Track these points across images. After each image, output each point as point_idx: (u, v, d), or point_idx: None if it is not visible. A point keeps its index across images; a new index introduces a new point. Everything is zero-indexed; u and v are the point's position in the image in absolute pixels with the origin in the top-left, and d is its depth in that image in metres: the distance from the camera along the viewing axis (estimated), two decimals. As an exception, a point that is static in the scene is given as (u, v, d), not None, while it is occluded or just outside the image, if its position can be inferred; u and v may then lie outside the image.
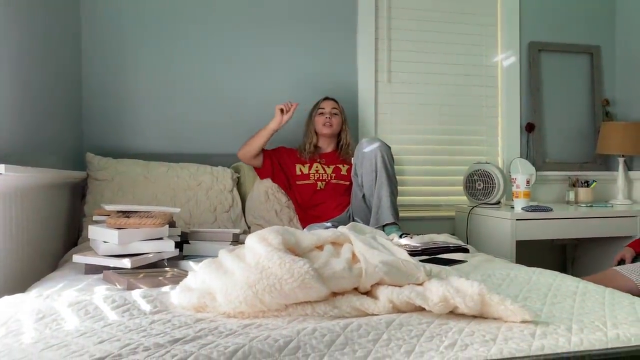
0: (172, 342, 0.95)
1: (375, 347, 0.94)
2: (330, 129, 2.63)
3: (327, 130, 2.63)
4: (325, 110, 2.64)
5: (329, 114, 2.63)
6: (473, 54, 3.14)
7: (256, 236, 1.14)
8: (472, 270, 1.63)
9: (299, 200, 2.60)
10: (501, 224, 2.61)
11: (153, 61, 2.72)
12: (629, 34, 3.25)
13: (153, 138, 2.71)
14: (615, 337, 0.99)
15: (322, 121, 2.63)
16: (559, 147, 3.26)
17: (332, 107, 2.66)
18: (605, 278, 1.96)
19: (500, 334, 1.00)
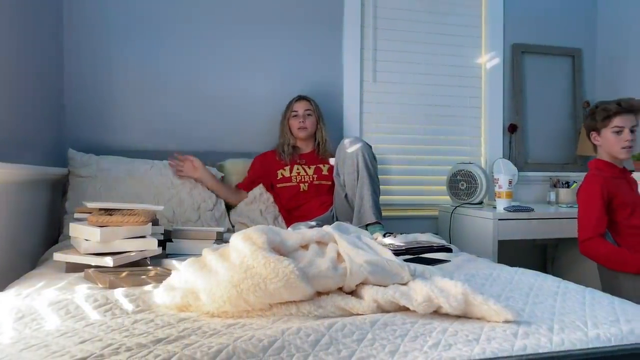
0: (155, 342, 0.94)
1: (360, 346, 0.94)
2: (305, 132, 2.64)
3: (303, 134, 2.64)
4: (298, 113, 2.64)
5: (302, 117, 2.63)
6: (457, 55, 3.17)
7: (241, 235, 1.13)
8: (455, 269, 1.64)
9: (283, 202, 2.59)
10: (483, 223, 2.63)
11: (137, 57, 2.69)
12: (609, 37, 3.30)
13: (137, 135, 2.69)
14: (596, 337, 1.01)
15: (297, 125, 2.62)
16: (541, 148, 3.31)
17: (305, 109, 2.65)
18: None
19: (483, 333, 1.01)
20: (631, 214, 2.20)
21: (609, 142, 2.23)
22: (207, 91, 2.79)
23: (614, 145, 2.21)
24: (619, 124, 2.19)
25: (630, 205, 2.21)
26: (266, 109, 2.83)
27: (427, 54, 3.12)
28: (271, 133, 2.76)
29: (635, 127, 2.21)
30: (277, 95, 2.82)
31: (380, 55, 3.05)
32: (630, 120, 2.19)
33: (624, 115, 2.19)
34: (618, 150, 2.21)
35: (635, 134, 2.21)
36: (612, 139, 2.21)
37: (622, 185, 2.25)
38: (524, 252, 3.21)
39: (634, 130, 2.20)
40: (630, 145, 2.19)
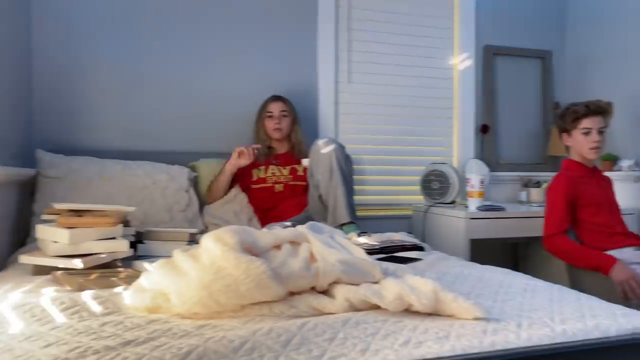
0: (123, 344, 0.93)
1: (331, 346, 0.95)
2: (280, 133, 2.63)
3: (277, 134, 2.63)
4: (274, 114, 2.63)
5: (277, 118, 2.62)
6: (431, 57, 3.20)
7: (212, 236, 1.12)
8: (427, 268, 1.66)
9: (258, 202, 2.58)
10: (456, 222, 2.66)
11: (109, 56, 2.64)
12: (578, 40, 3.38)
13: (108, 135, 2.64)
14: (562, 333, 1.03)
15: (272, 126, 2.62)
16: (512, 148, 3.36)
17: (281, 110, 2.64)
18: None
19: (453, 331, 1.02)
20: (596, 212, 2.26)
21: (578, 143, 2.29)
22: (180, 90, 2.76)
23: (583, 146, 2.28)
24: (587, 126, 2.25)
25: (595, 205, 2.27)
26: (240, 109, 2.81)
27: (401, 56, 3.14)
28: (245, 133, 2.74)
29: (603, 129, 2.27)
30: (251, 95, 2.81)
31: (354, 56, 3.07)
32: (598, 122, 2.25)
33: (592, 117, 2.25)
34: (587, 151, 2.27)
35: (603, 135, 2.27)
36: (581, 140, 2.27)
37: (590, 184, 2.31)
38: (495, 250, 3.26)
39: (603, 132, 2.27)
40: (598, 146, 2.25)
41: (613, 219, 2.26)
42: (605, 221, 2.25)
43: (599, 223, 2.26)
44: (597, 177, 2.36)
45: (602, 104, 2.27)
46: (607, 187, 2.37)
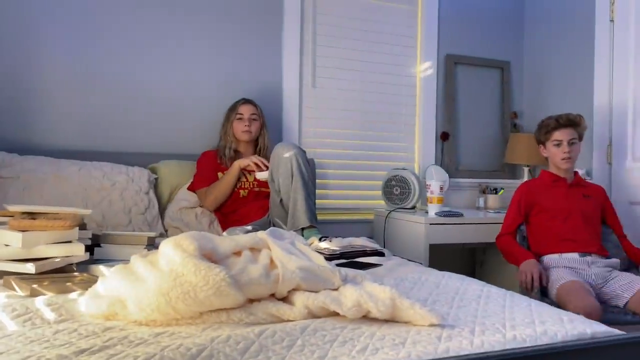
0: (77, 353, 0.91)
1: (289, 353, 0.95)
2: (249, 136, 2.62)
3: (247, 137, 2.62)
4: (244, 116, 2.62)
5: (247, 121, 2.61)
6: (394, 64, 3.25)
7: (171, 242, 1.11)
8: (386, 273, 1.68)
9: (220, 205, 2.55)
10: (416, 228, 2.71)
11: (66, 54, 2.57)
12: (535, 51, 3.50)
13: (64, 134, 2.57)
14: (513, 339, 1.07)
15: (242, 128, 2.60)
16: (471, 155, 3.45)
17: (251, 113, 2.63)
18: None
19: (409, 337, 1.04)
20: (550, 219, 2.36)
21: (551, 154, 2.42)
22: (141, 91, 2.71)
23: (555, 157, 2.40)
24: (557, 138, 2.38)
25: (550, 212, 2.36)
26: (203, 111, 2.79)
27: (365, 62, 3.18)
28: (207, 135, 2.72)
29: (574, 140, 2.38)
30: (214, 97, 2.79)
31: (319, 60, 3.09)
32: (568, 134, 2.36)
33: (562, 129, 2.37)
34: (559, 161, 2.39)
35: (575, 145, 2.38)
36: (554, 151, 2.40)
37: (552, 193, 2.40)
38: (454, 255, 3.33)
39: (574, 143, 2.38)
40: (569, 157, 2.36)
41: (570, 226, 2.32)
42: (557, 228, 2.33)
43: (550, 229, 2.36)
44: (565, 187, 2.41)
45: (572, 117, 2.39)
46: (581, 198, 2.39)
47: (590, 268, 2.22)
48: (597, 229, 2.37)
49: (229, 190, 2.50)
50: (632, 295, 2.07)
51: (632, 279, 2.13)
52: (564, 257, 2.28)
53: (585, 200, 2.39)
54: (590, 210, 2.38)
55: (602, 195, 2.47)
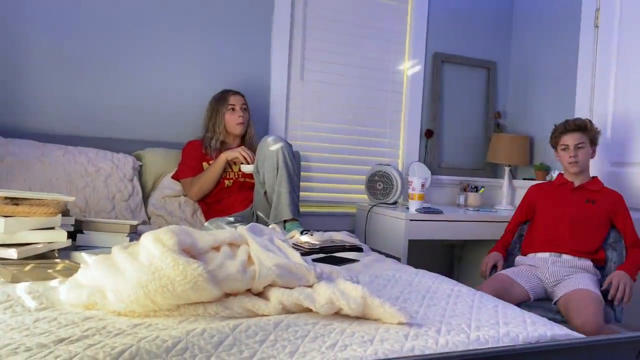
0: (56, 342, 0.94)
1: (262, 347, 0.99)
2: (243, 127, 2.63)
3: (240, 129, 2.62)
4: (236, 107, 2.62)
5: (240, 111, 2.62)
6: (382, 60, 3.28)
7: (151, 236, 1.15)
8: (362, 269, 1.73)
9: (204, 196, 2.58)
10: (396, 223, 2.77)
11: (52, 38, 2.56)
12: (521, 52, 3.55)
13: (50, 118, 2.57)
14: (476, 339, 1.12)
15: (236, 119, 2.61)
16: (454, 153, 3.51)
17: (242, 103, 2.64)
18: (502, 288, 2.16)
19: (378, 335, 1.09)
20: (541, 219, 2.45)
21: (561, 158, 2.47)
22: (128, 78, 2.71)
23: (563, 161, 2.45)
24: (565, 142, 2.42)
25: (545, 213, 2.45)
26: (189, 100, 2.80)
27: (353, 57, 3.21)
28: (193, 124, 2.74)
29: (582, 144, 2.39)
30: (201, 87, 2.80)
31: (308, 54, 3.10)
32: (575, 138, 2.39)
33: (569, 133, 2.41)
34: (566, 165, 2.44)
35: (584, 150, 2.39)
36: (562, 155, 2.45)
37: (554, 195, 2.46)
38: (433, 251, 3.40)
39: (582, 147, 2.39)
40: (575, 161, 2.39)
41: (555, 229, 2.37)
42: (543, 230, 2.40)
43: (536, 230, 2.45)
44: (568, 190, 2.43)
45: (579, 122, 2.42)
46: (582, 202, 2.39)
47: (549, 267, 2.29)
48: (588, 234, 2.34)
49: (214, 181, 2.52)
50: (561, 295, 2.12)
51: (576, 283, 2.14)
52: (537, 256, 2.35)
53: (586, 206, 2.38)
54: (588, 216, 2.36)
55: (612, 201, 2.39)
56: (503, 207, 3.31)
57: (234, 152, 2.51)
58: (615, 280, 2.16)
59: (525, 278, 2.26)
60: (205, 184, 2.51)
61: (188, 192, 2.54)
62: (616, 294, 2.13)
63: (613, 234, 2.39)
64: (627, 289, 2.14)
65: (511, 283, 2.22)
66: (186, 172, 2.54)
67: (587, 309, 1.97)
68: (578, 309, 1.99)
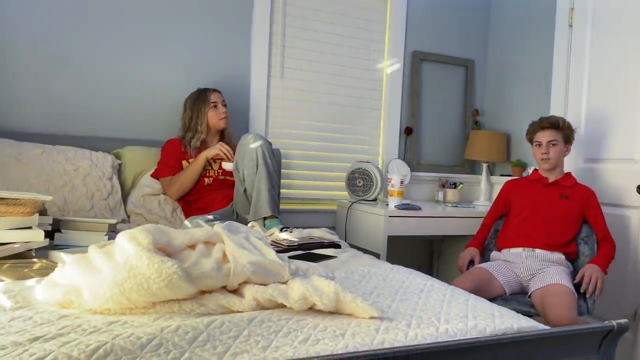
0: (31, 340, 0.95)
1: (235, 343, 1.02)
2: (226, 122, 2.65)
3: (224, 125, 2.65)
4: (218, 104, 2.64)
5: (223, 108, 2.64)
6: (362, 58, 3.32)
7: (126, 235, 1.16)
8: (339, 266, 1.76)
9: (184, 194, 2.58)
10: (376, 219, 2.80)
11: (30, 36, 2.55)
12: (499, 51, 3.61)
13: (27, 117, 2.55)
14: (445, 332, 1.16)
15: (219, 116, 2.63)
16: (433, 150, 3.56)
17: (222, 100, 2.66)
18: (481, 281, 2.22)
19: (349, 329, 1.12)
20: (516, 214, 2.50)
21: (534, 154, 2.53)
22: (106, 75, 2.71)
23: (536, 157, 2.52)
24: (538, 139, 2.49)
25: (519, 208, 2.51)
26: (168, 98, 2.81)
27: (333, 55, 3.23)
28: (172, 122, 2.74)
29: (555, 142, 2.45)
30: (180, 85, 2.81)
31: (288, 51, 3.12)
32: (547, 136, 2.46)
33: (543, 131, 2.48)
34: (538, 162, 2.51)
35: (556, 147, 2.45)
36: (535, 152, 2.51)
37: (528, 191, 2.52)
38: (412, 246, 3.45)
39: (554, 144, 2.45)
40: (547, 157, 2.45)
41: (528, 224, 2.43)
42: (517, 225, 2.46)
43: (510, 225, 2.51)
44: (542, 186, 2.49)
45: (552, 120, 2.48)
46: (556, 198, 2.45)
47: (524, 262, 2.35)
48: (561, 229, 2.40)
49: (194, 180, 2.53)
50: (535, 289, 2.18)
51: (549, 276, 2.20)
52: (511, 252, 2.41)
53: (560, 201, 2.44)
54: (562, 211, 2.42)
55: (585, 197, 2.45)
56: (481, 203, 3.37)
57: (214, 149, 2.52)
58: (588, 273, 2.22)
59: (502, 272, 2.32)
60: (185, 183, 2.51)
61: (167, 190, 2.54)
62: (588, 287, 2.19)
63: (585, 228, 2.46)
64: (598, 282, 2.20)
65: (489, 277, 2.28)
66: (165, 171, 2.55)
67: (562, 303, 2.03)
68: (552, 303, 2.04)
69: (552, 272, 2.24)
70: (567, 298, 2.06)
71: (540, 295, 2.14)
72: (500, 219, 2.65)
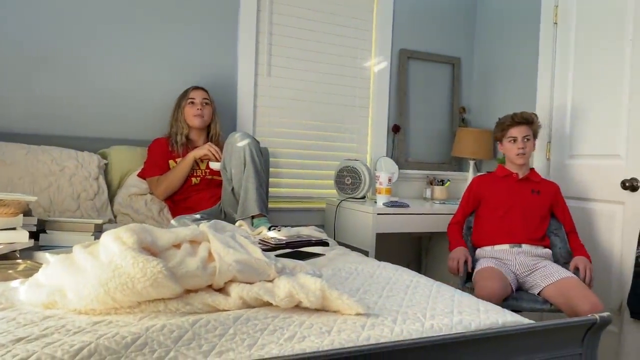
0: (14, 341, 0.95)
1: (221, 341, 1.02)
2: (202, 120, 2.62)
3: (198, 122, 2.61)
4: (195, 101, 2.62)
5: (200, 105, 2.62)
6: (349, 56, 3.32)
7: (111, 234, 1.16)
8: (326, 263, 1.77)
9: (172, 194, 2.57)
10: (364, 217, 2.81)
11: (13, 34, 2.52)
12: (484, 49, 3.63)
13: (10, 117, 2.52)
14: (430, 327, 1.16)
15: (194, 112, 2.60)
16: (421, 148, 3.57)
17: (203, 98, 2.64)
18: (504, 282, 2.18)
19: (336, 325, 1.13)
20: (492, 211, 2.50)
21: (507, 150, 2.55)
22: (92, 74, 2.68)
23: (510, 152, 2.53)
24: (513, 134, 2.51)
25: (494, 205, 2.51)
26: (154, 96, 2.79)
27: (321, 53, 3.23)
28: (158, 121, 2.73)
29: (529, 137, 2.51)
30: (167, 85, 2.79)
31: (275, 50, 3.12)
32: (523, 131, 2.50)
33: (517, 126, 2.51)
34: (514, 157, 2.52)
35: (530, 142, 2.52)
36: (509, 147, 2.53)
37: (500, 187, 2.53)
38: (401, 243, 3.46)
39: (529, 139, 2.51)
40: (523, 152, 2.49)
41: (507, 220, 2.45)
42: (495, 221, 2.47)
43: (488, 222, 2.50)
44: (514, 182, 2.53)
45: (526, 115, 2.52)
46: (528, 193, 2.50)
47: (516, 258, 2.37)
48: (538, 223, 2.46)
49: (181, 180, 2.52)
50: (547, 285, 2.22)
51: (554, 271, 2.26)
52: (495, 249, 2.43)
53: (533, 196, 2.50)
54: (536, 206, 2.48)
55: (553, 192, 2.54)
56: (468, 200, 3.39)
57: (202, 150, 2.52)
58: (581, 265, 2.31)
59: (506, 270, 2.32)
60: (172, 182, 2.50)
61: (154, 190, 2.53)
62: (586, 278, 2.27)
63: (553, 221, 2.56)
64: (591, 272, 2.30)
65: (505, 277, 2.25)
66: (152, 170, 2.53)
67: (588, 293, 2.09)
68: (579, 295, 2.08)
69: (553, 267, 2.30)
70: (586, 288, 2.14)
71: (558, 290, 2.17)
72: (470, 216, 2.65)
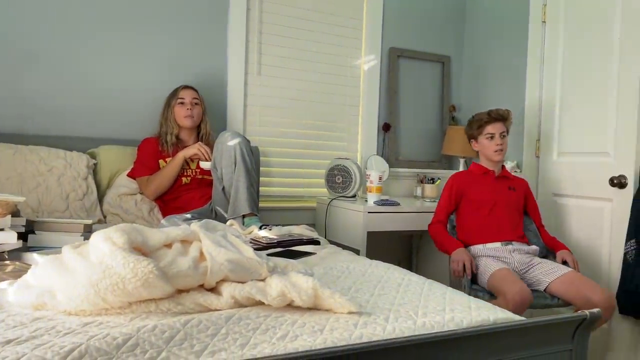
0: (3, 343, 0.94)
1: (213, 341, 1.01)
2: (192, 121, 2.61)
3: (189, 122, 2.60)
4: (185, 101, 2.60)
5: (189, 105, 2.60)
6: (339, 55, 3.32)
7: (101, 235, 1.15)
8: (318, 262, 1.77)
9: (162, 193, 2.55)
10: (355, 215, 2.81)
11: (3, 31, 2.49)
12: (474, 47, 3.65)
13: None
14: (422, 325, 1.17)
15: (184, 112, 2.59)
16: (411, 146, 3.58)
17: (193, 97, 2.63)
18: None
19: (328, 324, 1.13)
20: (476, 209, 2.51)
21: (483, 147, 2.55)
22: (81, 74, 2.66)
23: (488, 149, 2.54)
24: (490, 131, 2.52)
25: (477, 202, 2.51)
26: (144, 96, 2.77)
27: (311, 52, 3.23)
28: (148, 121, 2.71)
29: (505, 133, 2.54)
30: (157, 84, 2.78)
31: (265, 49, 3.11)
32: (499, 127, 2.53)
33: (494, 123, 2.53)
34: (491, 153, 2.53)
35: (505, 138, 2.55)
36: (486, 144, 2.54)
37: (481, 184, 2.54)
38: (392, 242, 3.47)
39: (504, 136, 2.54)
40: (501, 149, 2.52)
41: (494, 217, 2.47)
42: (482, 218, 2.49)
43: (475, 219, 2.51)
44: (493, 179, 2.56)
45: (502, 112, 2.55)
46: (506, 190, 2.54)
47: (512, 256, 2.39)
48: (519, 220, 2.54)
49: (171, 180, 2.51)
50: (552, 280, 2.25)
51: (553, 267, 2.31)
52: (487, 247, 2.44)
53: (510, 192, 2.55)
54: (514, 202, 2.54)
55: (525, 187, 2.63)
56: (459, 198, 3.40)
57: (192, 149, 2.50)
58: (569, 258, 2.38)
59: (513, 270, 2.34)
60: (162, 182, 2.49)
61: (144, 190, 2.51)
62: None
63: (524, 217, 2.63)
64: (578, 264, 2.38)
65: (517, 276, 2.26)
66: (142, 170, 2.52)
67: (596, 285, 2.16)
68: (588, 287, 2.13)
69: (549, 263, 2.34)
70: (590, 279, 2.21)
71: (566, 284, 2.20)
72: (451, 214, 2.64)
